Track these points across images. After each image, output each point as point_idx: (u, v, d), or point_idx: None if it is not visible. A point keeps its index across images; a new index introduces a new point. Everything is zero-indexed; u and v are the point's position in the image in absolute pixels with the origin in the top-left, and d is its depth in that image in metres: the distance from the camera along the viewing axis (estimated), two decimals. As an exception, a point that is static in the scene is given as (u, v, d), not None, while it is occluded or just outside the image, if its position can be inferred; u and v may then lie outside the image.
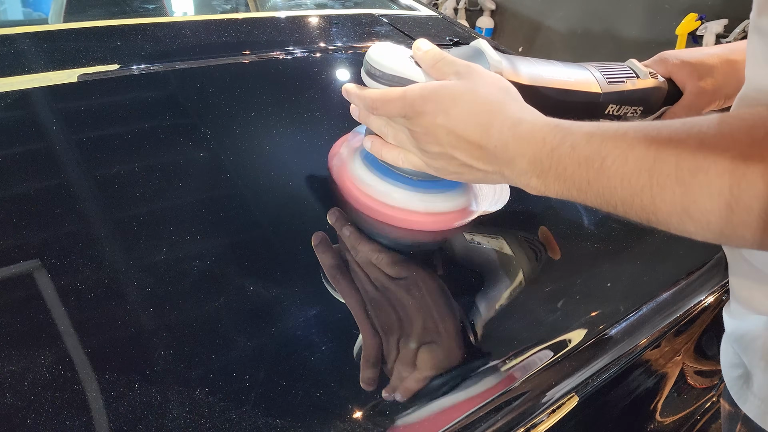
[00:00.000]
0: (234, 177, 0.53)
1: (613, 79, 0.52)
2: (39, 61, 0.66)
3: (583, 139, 0.35)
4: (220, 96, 0.66)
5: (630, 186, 0.33)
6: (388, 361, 0.38)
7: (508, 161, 0.39)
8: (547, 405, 0.39)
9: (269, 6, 1.31)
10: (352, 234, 0.49)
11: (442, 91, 0.41)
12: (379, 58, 0.45)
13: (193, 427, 0.31)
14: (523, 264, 0.50)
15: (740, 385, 0.42)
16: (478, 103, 0.40)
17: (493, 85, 0.42)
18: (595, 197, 0.35)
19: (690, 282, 0.52)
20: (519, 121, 0.39)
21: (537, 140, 0.37)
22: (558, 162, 0.36)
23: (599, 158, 0.34)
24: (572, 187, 0.36)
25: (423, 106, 0.41)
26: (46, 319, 0.36)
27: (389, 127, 0.46)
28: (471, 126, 0.40)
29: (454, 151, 0.41)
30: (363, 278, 0.44)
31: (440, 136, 0.41)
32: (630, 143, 0.33)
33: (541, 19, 3.12)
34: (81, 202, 0.47)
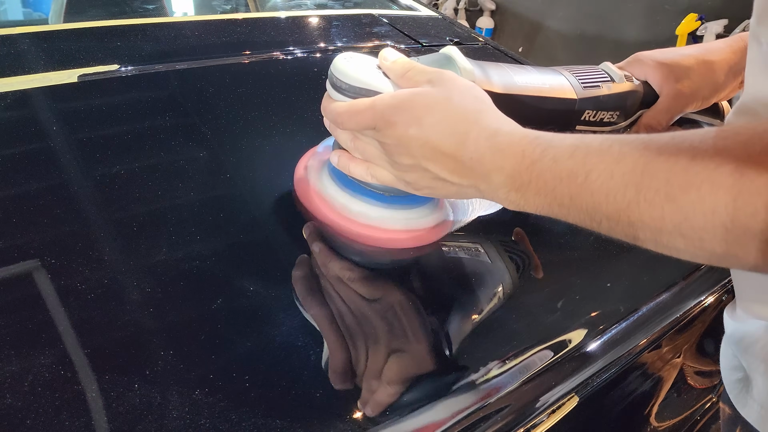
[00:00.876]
0: (234, 177, 0.53)
1: (588, 84, 0.50)
2: (39, 61, 0.66)
3: (565, 152, 0.34)
4: (220, 96, 0.66)
5: (615, 202, 0.31)
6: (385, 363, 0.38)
7: (485, 175, 0.37)
8: (547, 405, 0.39)
9: (269, 6, 1.32)
10: (323, 253, 0.46)
11: (415, 100, 0.39)
12: (345, 69, 0.42)
13: (193, 427, 0.31)
14: (523, 264, 0.50)
15: (739, 389, 0.41)
16: (453, 113, 0.38)
17: (467, 93, 0.40)
18: (578, 213, 0.34)
19: (690, 282, 0.52)
20: (496, 132, 0.37)
21: (516, 153, 0.36)
22: (538, 176, 0.35)
23: (583, 173, 0.32)
24: (553, 203, 0.35)
25: (394, 116, 0.39)
26: (46, 319, 0.36)
27: (357, 140, 0.43)
28: (446, 137, 0.38)
29: (427, 164, 0.39)
30: (351, 297, 0.43)
31: (413, 148, 0.39)
32: (616, 157, 0.32)
33: (541, 19, 3.13)
34: (81, 202, 0.47)
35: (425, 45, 0.91)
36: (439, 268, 0.48)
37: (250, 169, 0.54)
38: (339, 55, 0.44)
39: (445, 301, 0.45)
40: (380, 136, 0.40)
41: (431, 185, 0.41)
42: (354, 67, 0.42)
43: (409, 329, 0.41)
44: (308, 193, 0.50)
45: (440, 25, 1.04)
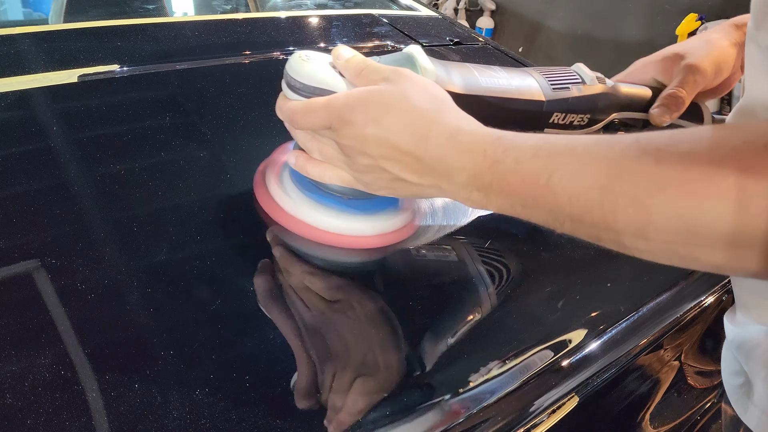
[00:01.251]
0: (234, 177, 0.53)
1: (557, 86, 0.49)
2: (39, 61, 0.66)
3: (528, 153, 0.33)
4: (220, 96, 0.66)
5: (579, 204, 0.31)
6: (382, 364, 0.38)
7: (447, 174, 0.36)
8: (547, 405, 0.39)
9: (269, 6, 1.31)
10: (284, 259, 0.45)
11: (371, 98, 0.38)
12: (299, 68, 0.41)
13: (193, 427, 0.31)
14: (523, 265, 0.50)
15: (741, 394, 0.41)
16: (412, 111, 0.37)
17: (425, 91, 0.39)
18: (542, 213, 0.34)
19: (690, 282, 0.52)
20: (457, 131, 0.36)
21: (477, 152, 0.35)
22: (501, 177, 0.34)
23: (546, 174, 0.32)
24: (516, 203, 0.34)
25: (350, 115, 0.38)
26: (46, 319, 0.36)
27: (314, 141, 0.42)
28: (405, 136, 0.37)
29: (385, 164, 0.38)
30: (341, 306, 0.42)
31: (371, 148, 0.38)
32: (580, 158, 0.31)
33: (542, 19, 3.12)
34: (81, 202, 0.47)
35: (425, 45, 0.91)
36: (412, 270, 0.48)
37: (250, 169, 0.54)
38: (294, 54, 0.42)
39: (448, 297, 0.45)
40: (337, 136, 0.39)
41: (390, 186, 0.40)
42: (309, 66, 0.41)
43: (408, 333, 0.41)
44: (265, 196, 0.48)
45: (440, 25, 1.04)
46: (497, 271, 0.49)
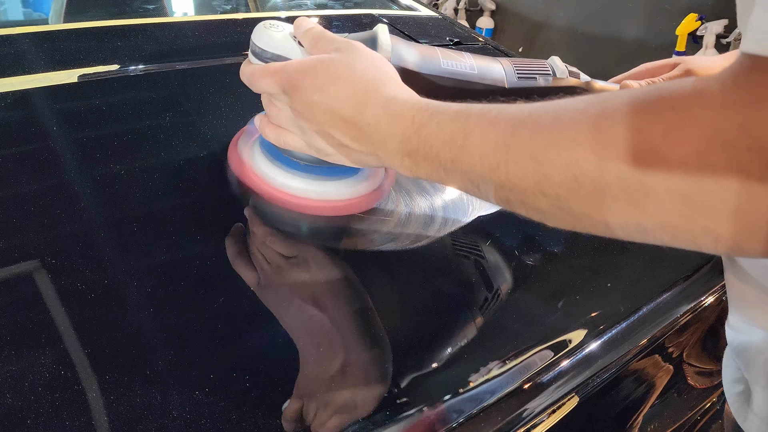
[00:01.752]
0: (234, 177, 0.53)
1: (524, 75, 0.50)
2: (39, 61, 0.66)
3: (449, 116, 0.35)
4: (220, 96, 0.66)
5: (488, 162, 0.32)
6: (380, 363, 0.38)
7: (381, 141, 0.38)
8: (547, 405, 0.39)
9: (269, 6, 1.31)
10: (258, 227, 0.47)
11: (319, 66, 0.40)
12: (261, 35, 0.44)
13: (193, 427, 0.31)
14: (523, 264, 0.50)
15: (741, 402, 0.41)
16: (354, 81, 0.39)
17: (371, 63, 0.41)
18: (460, 177, 0.35)
19: (691, 282, 0.52)
20: (392, 100, 0.38)
21: (407, 119, 0.37)
22: (425, 141, 0.36)
23: (462, 135, 0.33)
24: (439, 167, 0.35)
25: (300, 80, 0.40)
26: (46, 319, 0.36)
27: (272, 105, 0.44)
28: (346, 104, 0.39)
29: (330, 130, 0.40)
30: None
31: (317, 114, 0.40)
32: (492, 120, 0.32)
33: (542, 19, 3.12)
34: (81, 202, 0.47)
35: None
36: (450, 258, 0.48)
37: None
38: (260, 23, 0.45)
39: (446, 296, 0.44)
40: (289, 101, 0.41)
41: (336, 152, 0.42)
42: (270, 34, 0.44)
43: (407, 329, 0.41)
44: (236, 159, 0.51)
45: (440, 25, 1.04)
46: (497, 272, 0.49)
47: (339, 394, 0.35)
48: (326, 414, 0.34)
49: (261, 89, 0.43)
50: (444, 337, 0.41)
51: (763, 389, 0.38)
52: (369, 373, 0.37)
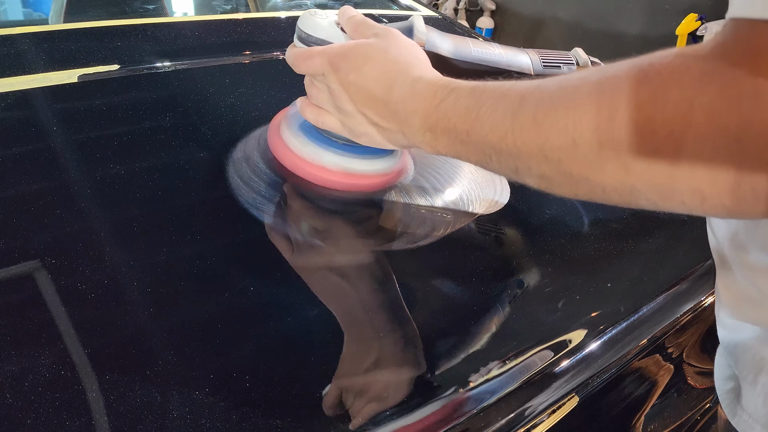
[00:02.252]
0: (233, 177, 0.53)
1: (549, 65, 0.53)
2: (39, 61, 0.66)
3: (466, 91, 0.37)
4: (220, 96, 0.66)
5: (497, 132, 0.34)
6: (381, 361, 0.38)
7: (406, 119, 0.41)
8: (547, 405, 0.39)
9: (269, 6, 1.32)
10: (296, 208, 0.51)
11: (357, 49, 0.43)
12: (306, 21, 0.48)
13: (193, 427, 0.31)
14: (523, 264, 0.50)
15: (731, 398, 0.41)
16: (387, 63, 0.42)
17: (403, 47, 0.44)
18: (474, 149, 0.36)
19: (691, 282, 0.52)
20: (418, 80, 0.41)
21: (429, 95, 0.39)
22: (444, 115, 0.38)
23: (476, 107, 0.35)
24: (456, 140, 0.37)
25: (339, 62, 0.43)
26: (46, 319, 0.36)
27: (312, 86, 0.47)
28: (377, 84, 0.42)
29: (363, 109, 0.43)
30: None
31: (352, 93, 0.43)
32: (504, 92, 0.34)
33: (541, 19, 3.12)
34: (81, 202, 0.47)
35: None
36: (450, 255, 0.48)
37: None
38: (306, 11, 0.49)
39: (447, 296, 0.44)
40: (328, 82, 0.44)
41: (368, 131, 0.45)
42: (315, 21, 0.48)
43: (407, 327, 0.41)
44: (275, 138, 0.54)
45: (440, 25, 1.04)
46: (497, 272, 0.49)
47: (373, 384, 0.36)
48: (362, 402, 0.35)
49: (303, 70, 0.46)
50: (444, 336, 0.41)
51: (750, 385, 0.38)
52: (397, 366, 0.38)
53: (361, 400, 0.35)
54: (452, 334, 0.41)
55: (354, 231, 0.50)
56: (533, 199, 0.58)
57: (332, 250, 0.47)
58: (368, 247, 0.48)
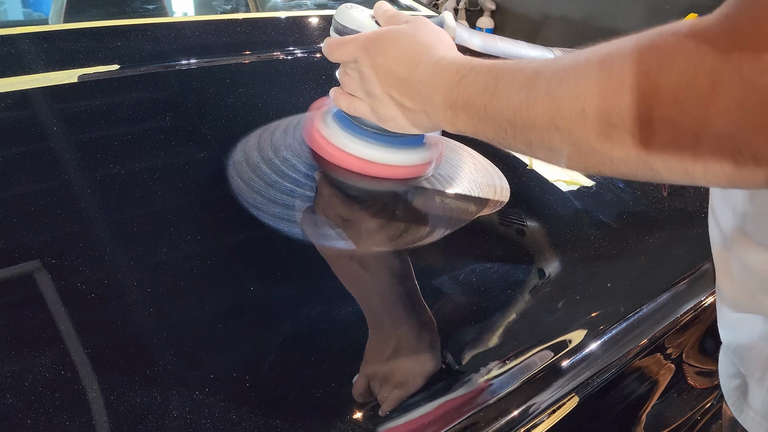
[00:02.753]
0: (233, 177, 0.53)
1: None
2: (39, 61, 0.66)
3: (486, 68, 0.38)
4: (220, 96, 0.66)
5: (512, 105, 0.34)
6: (383, 361, 0.38)
7: (429, 96, 0.42)
8: (547, 405, 0.39)
9: (269, 6, 1.32)
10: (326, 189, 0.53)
11: (386, 33, 0.45)
12: (342, 13, 0.51)
13: (193, 427, 0.31)
14: (523, 264, 0.50)
15: (737, 396, 0.41)
16: (414, 45, 0.44)
17: (431, 32, 0.46)
18: (491, 124, 0.37)
19: (690, 282, 0.52)
20: (442, 59, 0.42)
21: (451, 72, 0.40)
22: (464, 90, 0.39)
23: (494, 82, 0.36)
24: (475, 116, 0.38)
25: (368, 47, 0.45)
26: (46, 319, 0.36)
27: (345, 75, 0.50)
28: (402, 64, 0.43)
29: (390, 90, 0.45)
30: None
31: (380, 76, 0.45)
32: (521, 68, 0.35)
33: (541, 19, 3.12)
34: (81, 202, 0.47)
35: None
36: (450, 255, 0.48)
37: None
38: (342, 5, 0.52)
39: (447, 296, 0.44)
40: (359, 67, 0.46)
41: (394, 115, 0.46)
42: (351, 14, 0.51)
43: (406, 327, 0.41)
44: (309, 127, 0.57)
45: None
46: (496, 272, 0.49)
47: (396, 373, 0.37)
48: (387, 389, 0.36)
49: (337, 58, 0.48)
50: (443, 336, 0.41)
51: (758, 383, 0.38)
52: (417, 356, 0.39)
53: (386, 388, 0.36)
54: (452, 334, 0.41)
55: (376, 220, 0.51)
56: (533, 198, 0.58)
57: (356, 239, 0.48)
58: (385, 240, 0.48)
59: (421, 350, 0.40)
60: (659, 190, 0.64)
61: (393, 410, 0.35)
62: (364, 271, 0.46)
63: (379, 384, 0.36)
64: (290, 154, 0.56)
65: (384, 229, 0.50)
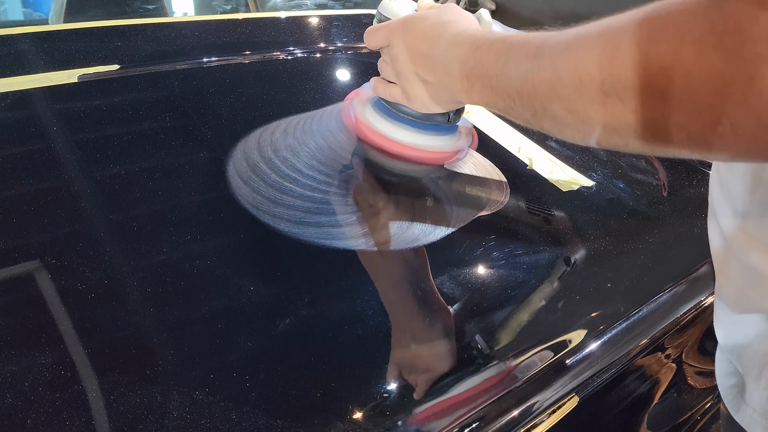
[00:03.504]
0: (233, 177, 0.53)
1: None
2: (39, 61, 0.66)
3: (500, 38, 0.39)
4: (220, 96, 0.66)
5: (520, 74, 0.36)
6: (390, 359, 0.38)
7: (447, 67, 0.43)
8: (547, 405, 0.39)
9: (269, 6, 1.32)
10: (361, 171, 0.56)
11: (415, 17, 0.48)
12: (385, 5, 0.55)
13: (193, 427, 0.31)
14: (523, 264, 0.50)
15: (734, 394, 0.42)
16: (437, 22, 0.46)
17: (458, 13, 0.47)
18: (502, 94, 0.38)
19: (690, 282, 0.52)
20: (462, 32, 0.43)
21: (468, 43, 0.42)
22: (479, 60, 0.40)
23: (506, 52, 0.38)
24: (488, 86, 0.40)
25: (399, 29, 0.48)
26: (46, 319, 0.36)
27: (381, 61, 0.53)
28: (426, 40, 0.46)
29: (416, 67, 0.47)
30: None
31: (406, 55, 0.47)
32: (531, 38, 0.36)
33: (541, 19, 3.12)
34: (81, 202, 0.47)
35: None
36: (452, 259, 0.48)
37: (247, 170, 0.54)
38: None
39: (448, 296, 0.45)
40: (391, 49, 0.49)
41: (419, 94, 0.49)
42: (391, 4, 0.55)
43: (409, 329, 0.41)
44: (348, 114, 0.61)
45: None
46: (496, 272, 0.49)
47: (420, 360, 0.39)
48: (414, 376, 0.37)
49: (372, 43, 0.51)
50: (443, 336, 0.41)
51: (755, 380, 0.38)
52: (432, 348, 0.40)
53: (415, 374, 0.37)
54: (452, 334, 0.41)
55: (397, 204, 0.53)
56: (533, 198, 0.58)
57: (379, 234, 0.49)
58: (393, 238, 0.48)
59: (440, 338, 0.41)
60: (659, 190, 0.64)
61: (425, 394, 0.36)
62: (383, 263, 0.47)
63: (408, 371, 0.37)
64: (290, 154, 0.56)
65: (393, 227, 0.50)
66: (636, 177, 0.65)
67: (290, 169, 0.53)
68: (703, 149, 0.27)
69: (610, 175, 0.65)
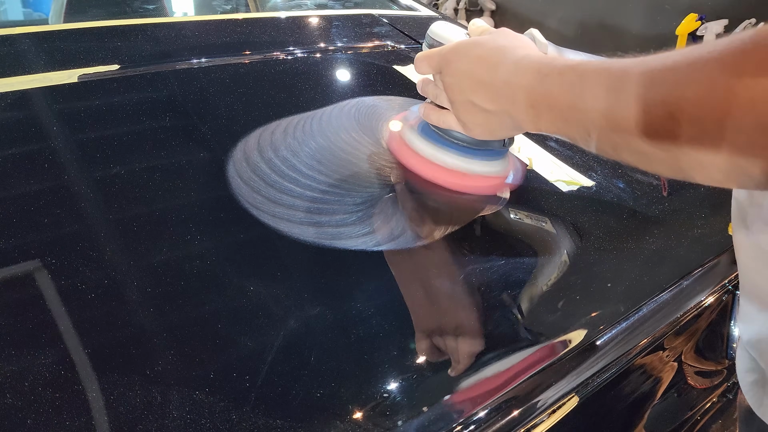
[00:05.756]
0: (233, 177, 0.53)
1: None
2: (39, 61, 0.66)
3: (569, 66, 0.37)
4: (220, 96, 0.66)
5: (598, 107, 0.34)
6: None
7: (510, 96, 0.41)
8: (547, 405, 0.39)
9: (269, 6, 1.32)
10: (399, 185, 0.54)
11: (468, 43, 0.46)
12: (435, 29, 0.53)
13: (193, 427, 0.31)
14: (523, 264, 0.50)
15: (756, 390, 0.41)
16: (493, 48, 0.44)
17: (513, 37, 0.46)
18: (575, 124, 0.37)
19: (690, 282, 0.52)
20: (523, 58, 0.41)
21: (533, 70, 0.39)
22: (547, 90, 0.38)
23: (580, 82, 0.35)
24: (559, 116, 0.38)
25: (452, 56, 0.46)
26: (46, 319, 0.36)
27: (431, 86, 0.51)
28: (483, 67, 0.43)
29: (472, 96, 0.45)
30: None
31: (462, 82, 0.45)
32: (607, 67, 0.34)
33: (541, 19, 3.12)
34: (81, 202, 0.47)
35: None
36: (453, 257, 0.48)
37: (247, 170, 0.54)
38: (436, 22, 0.54)
39: (449, 296, 0.44)
40: (443, 77, 0.47)
41: (479, 122, 0.46)
42: (446, 31, 0.53)
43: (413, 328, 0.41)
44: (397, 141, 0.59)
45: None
46: (497, 272, 0.49)
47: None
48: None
49: (423, 70, 0.50)
50: (444, 336, 0.41)
51: None
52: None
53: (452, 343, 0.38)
54: (452, 334, 0.41)
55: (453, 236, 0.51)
56: (533, 198, 0.58)
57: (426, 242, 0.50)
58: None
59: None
60: (659, 190, 0.64)
61: (425, 393, 0.36)
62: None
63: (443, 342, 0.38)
64: (290, 154, 0.56)
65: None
66: (636, 177, 0.65)
67: (308, 168, 0.54)
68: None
69: (610, 175, 0.65)
